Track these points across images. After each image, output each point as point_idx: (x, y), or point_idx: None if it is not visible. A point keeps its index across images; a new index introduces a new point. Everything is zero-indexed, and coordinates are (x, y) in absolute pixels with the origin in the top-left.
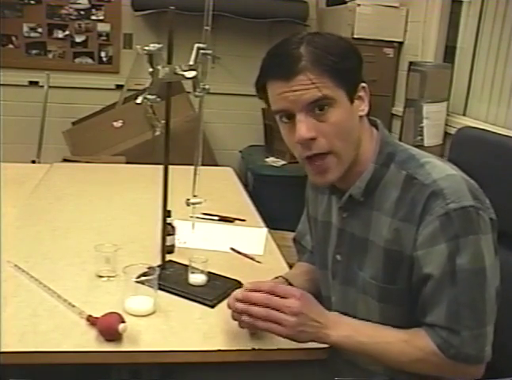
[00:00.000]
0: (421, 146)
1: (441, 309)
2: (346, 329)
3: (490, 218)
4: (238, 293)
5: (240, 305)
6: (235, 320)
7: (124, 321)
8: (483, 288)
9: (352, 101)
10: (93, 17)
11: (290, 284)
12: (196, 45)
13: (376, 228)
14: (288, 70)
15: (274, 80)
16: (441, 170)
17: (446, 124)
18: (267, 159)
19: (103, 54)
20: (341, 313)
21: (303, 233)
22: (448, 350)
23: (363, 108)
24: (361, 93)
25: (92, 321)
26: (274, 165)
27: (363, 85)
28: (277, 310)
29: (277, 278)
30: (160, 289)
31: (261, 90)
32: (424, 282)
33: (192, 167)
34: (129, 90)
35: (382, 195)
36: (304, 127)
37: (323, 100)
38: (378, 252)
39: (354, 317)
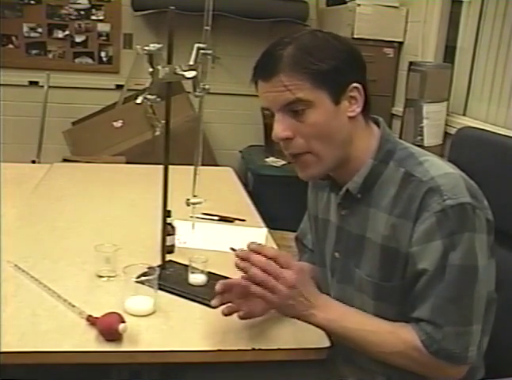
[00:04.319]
0: (421, 146)
1: (428, 303)
2: (333, 313)
3: (487, 219)
4: (241, 251)
5: (241, 264)
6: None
7: (124, 321)
8: (473, 286)
9: (337, 102)
10: (93, 17)
11: None
12: (196, 45)
13: (374, 225)
14: (267, 72)
15: (259, 79)
16: (439, 168)
17: (446, 124)
18: (267, 159)
19: (103, 54)
20: None
21: (304, 232)
22: (431, 345)
23: (353, 108)
24: (354, 94)
25: (92, 321)
26: (274, 165)
27: (355, 85)
28: (274, 277)
29: None
30: (160, 289)
31: (256, 88)
32: (417, 278)
33: (192, 167)
34: (129, 90)
35: (380, 192)
36: (280, 126)
37: (297, 102)
38: (375, 249)
39: None
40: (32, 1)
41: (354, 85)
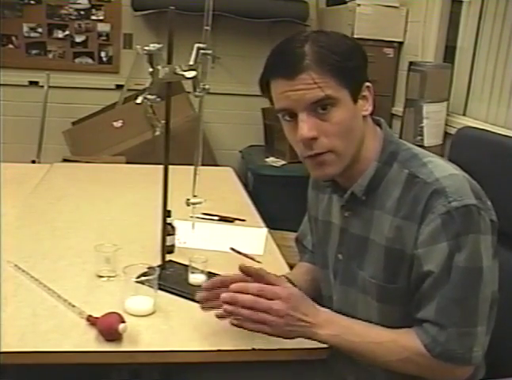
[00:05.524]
0: (421, 146)
1: (432, 304)
2: (335, 328)
3: (491, 220)
4: (225, 295)
5: (229, 308)
6: (219, 317)
7: (124, 321)
8: (478, 288)
9: (355, 101)
10: (93, 17)
11: (291, 283)
12: (196, 45)
13: (378, 227)
14: (292, 69)
15: (277, 78)
16: (443, 169)
17: (446, 124)
18: (267, 159)
19: (103, 54)
20: (342, 312)
21: (304, 233)
22: (434, 348)
23: (367, 107)
24: (365, 93)
25: (92, 321)
26: (274, 165)
27: (367, 84)
28: (265, 311)
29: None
30: (160, 289)
31: (265, 88)
32: (423, 280)
33: (192, 167)
34: (129, 90)
35: (384, 193)
36: (306, 126)
37: (326, 100)
38: (379, 251)
39: (354, 317)
40: (32, 1)
41: (367, 84)
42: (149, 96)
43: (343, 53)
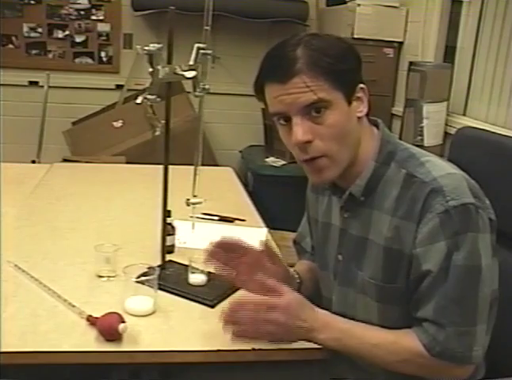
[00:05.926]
0: (421, 146)
1: (431, 303)
2: (334, 332)
3: (490, 219)
4: (224, 314)
5: (229, 325)
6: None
7: (124, 321)
8: (476, 286)
9: (349, 103)
10: (93, 17)
11: (299, 277)
12: (196, 45)
13: (376, 227)
14: (284, 73)
15: (271, 82)
16: (441, 169)
17: (446, 124)
18: (267, 159)
19: (103, 54)
20: (342, 313)
21: (303, 235)
22: (433, 348)
23: (361, 109)
24: (360, 95)
25: (92, 321)
26: (274, 165)
27: (361, 86)
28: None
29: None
30: (160, 289)
31: (260, 92)
32: (421, 279)
33: (192, 167)
34: (129, 90)
35: (382, 193)
36: (301, 130)
37: (319, 103)
38: (378, 251)
39: (354, 318)
40: (32, 1)
41: (361, 85)
42: (149, 96)
43: (336, 55)
